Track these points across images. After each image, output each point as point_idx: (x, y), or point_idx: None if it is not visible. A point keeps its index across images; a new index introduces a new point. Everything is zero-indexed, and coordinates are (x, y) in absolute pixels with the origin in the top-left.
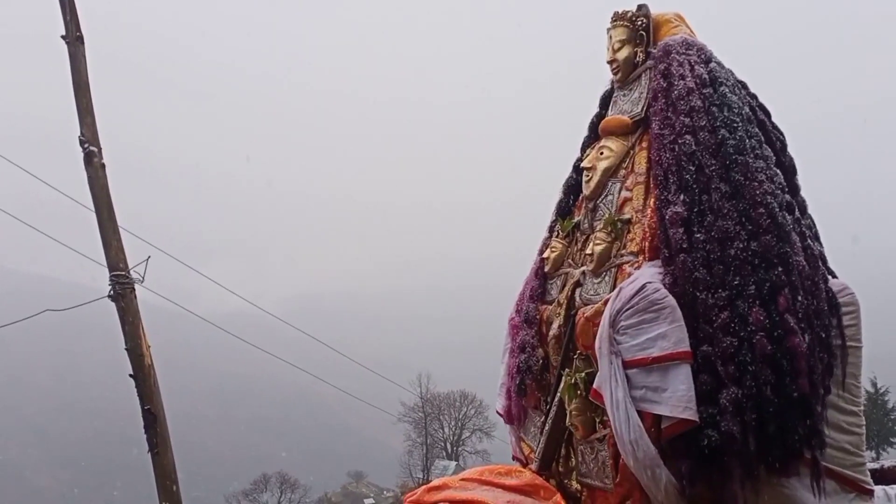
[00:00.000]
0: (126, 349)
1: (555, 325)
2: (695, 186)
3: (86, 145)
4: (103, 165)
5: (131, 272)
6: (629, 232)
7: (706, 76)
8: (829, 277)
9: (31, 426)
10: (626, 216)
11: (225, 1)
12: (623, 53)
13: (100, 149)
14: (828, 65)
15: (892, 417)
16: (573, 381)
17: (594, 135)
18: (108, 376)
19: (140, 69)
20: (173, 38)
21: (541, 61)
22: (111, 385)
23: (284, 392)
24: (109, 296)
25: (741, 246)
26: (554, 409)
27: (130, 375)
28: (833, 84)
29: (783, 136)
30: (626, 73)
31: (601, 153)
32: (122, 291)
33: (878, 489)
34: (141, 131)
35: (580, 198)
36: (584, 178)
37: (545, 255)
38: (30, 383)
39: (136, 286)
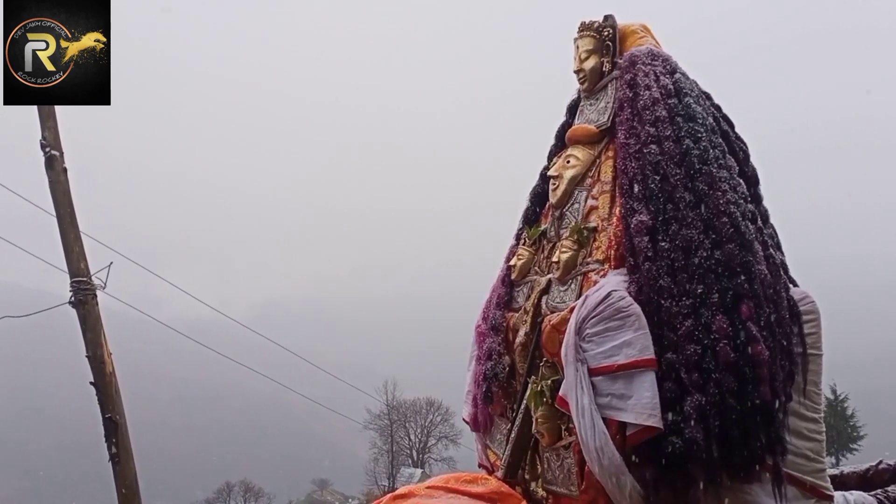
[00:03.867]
0: (87, 356)
1: (521, 333)
2: (660, 195)
3: (47, 149)
4: (65, 169)
5: (93, 278)
6: (595, 240)
7: (671, 87)
8: (791, 286)
9: None
10: (592, 224)
11: (198, 5)
12: (590, 63)
13: (62, 153)
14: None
15: (852, 424)
16: (539, 388)
17: (561, 143)
18: (69, 384)
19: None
20: (142, 40)
21: (511, 73)
22: (72, 393)
23: (249, 399)
24: (70, 302)
25: (705, 255)
26: (520, 416)
27: (92, 383)
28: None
29: (746, 147)
30: (592, 83)
31: (568, 161)
32: (84, 298)
33: (838, 495)
34: (105, 134)
35: (547, 206)
36: (551, 187)
37: (512, 262)
38: None
39: (98, 292)
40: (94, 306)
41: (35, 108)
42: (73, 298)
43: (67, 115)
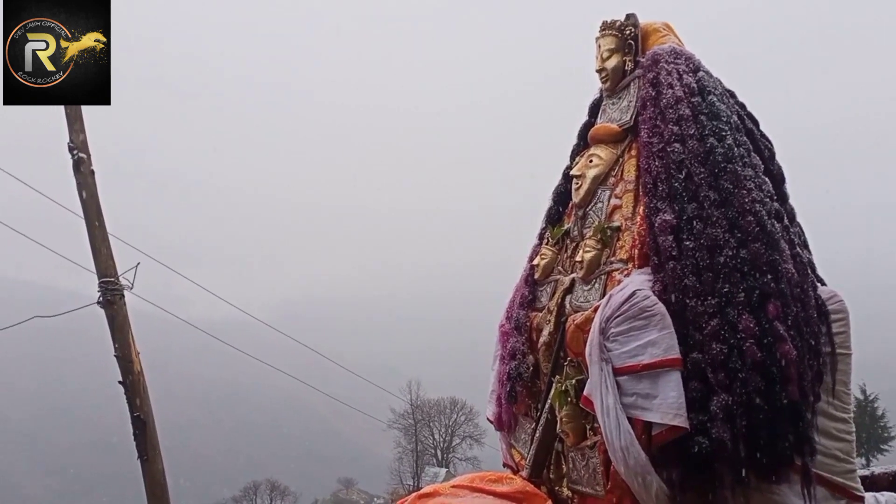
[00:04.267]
0: (115, 356)
1: (545, 332)
2: (684, 194)
3: (75, 152)
4: (92, 172)
5: (120, 278)
6: (619, 239)
7: (695, 85)
8: (818, 285)
9: (19, 433)
10: (616, 224)
11: (217, 6)
12: (612, 62)
13: (89, 155)
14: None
15: (882, 424)
16: (564, 387)
17: (583, 143)
18: (97, 383)
19: (131, 75)
20: (164, 43)
21: (531, 68)
22: (100, 392)
23: (274, 398)
24: (99, 302)
25: (730, 253)
26: (544, 416)
27: (120, 382)
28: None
29: (771, 145)
30: (614, 82)
31: (590, 161)
32: (112, 298)
33: (869, 496)
34: (131, 137)
35: (570, 205)
36: (574, 186)
37: (535, 262)
38: (18, 390)
39: (126, 292)
40: (122, 306)
41: (63, 111)
42: (101, 299)
43: (95, 118)
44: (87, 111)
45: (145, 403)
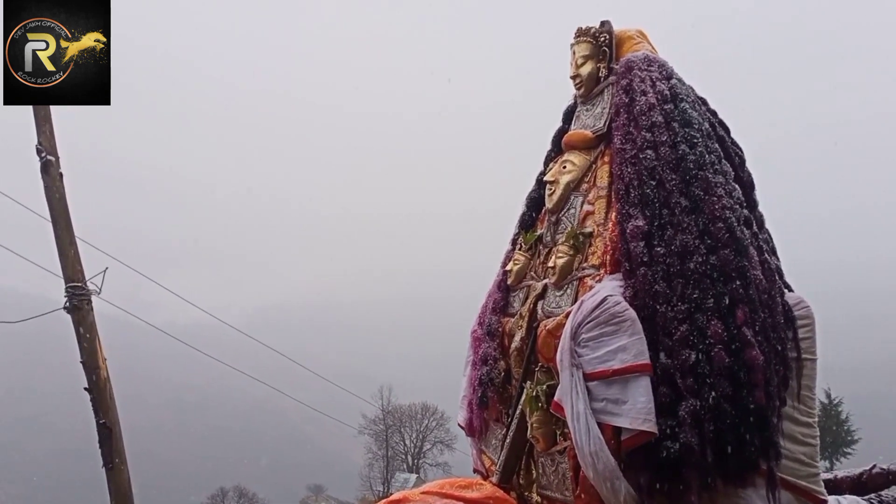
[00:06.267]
0: (81, 362)
1: (517, 338)
2: (655, 201)
3: (43, 154)
4: (61, 175)
5: (88, 283)
6: (591, 245)
7: (667, 92)
8: (786, 291)
9: None
10: (588, 230)
11: (201, 6)
12: (586, 69)
13: (57, 158)
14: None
15: (846, 428)
16: (535, 393)
17: (557, 149)
18: (63, 389)
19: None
20: (140, 41)
21: (516, 78)
22: (66, 398)
23: (244, 404)
24: (65, 307)
25: (700, 260)
26: (515, 421)
27: (86, 389)
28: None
29: (742, 152)
30: (588, 89)
31: (564, 167)
32: (79, 303)
33: (832, 499)
34: (102, 137)
35: (543, 211)
36: (547, 192)
37: (508, 267)
38: None
39: (94, 297)
40: (89, 311)
41: (31, 112)
42: (67, 304)
43: (63, 119)
44: (58, 113)
45: (112, 411)
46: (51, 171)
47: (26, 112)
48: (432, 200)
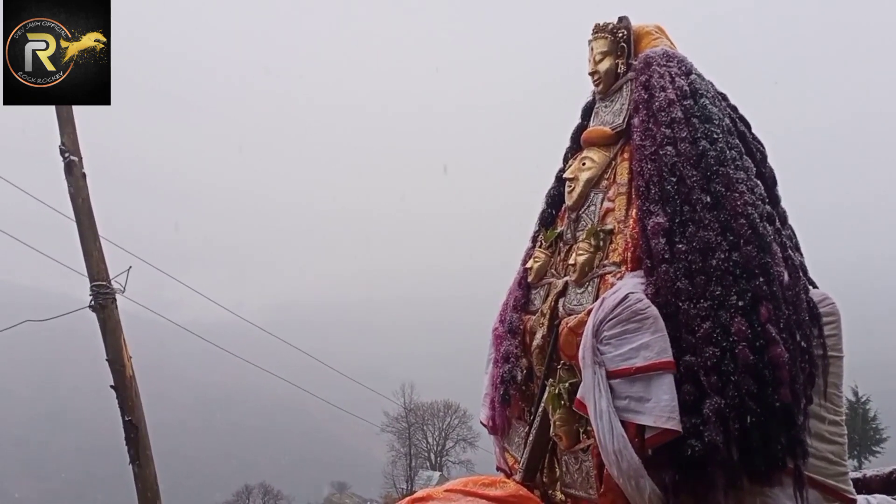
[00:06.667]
0: (107, 360)
1: (538, 336)
2: (676, 197)
3: (66, 155)
4: (84, 175)
5: (112, 282)
6: (611, 242)
7: (687, 88)
8: (810, 288)
9: (10, 437)
10: (609, 227)
11: (211, 7)
12: (604, 65)
13: (80, 158)
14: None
15: (874, 426)
16: (557, 391)
17: (576, 145)
18: (89, 387)
19: (122, 76)
20: (157, 44)
21: (530, 72)
22: (92, 396)
23: (267, 402)
24: (90, 306)
25: (722, 256)
26: (538, 419)
27: (112, 386)
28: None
29: (763, 148)
30: (607, 85)
31: (583, 164)
32: (104, 302)
33: (861, 498)
34: (123, 139)
35: (563, 208)
36: (567, 189)
37: (528, 265)
38: (9, 393)
39: (118, 296)
40: (114, 310)
41: (55, 113)
42: (92, 302)
43: (87, 120)
44: (79, 113)
45: (137, 408)
46: (74, 172)
47: (49, 113)
48: (452, 200)
